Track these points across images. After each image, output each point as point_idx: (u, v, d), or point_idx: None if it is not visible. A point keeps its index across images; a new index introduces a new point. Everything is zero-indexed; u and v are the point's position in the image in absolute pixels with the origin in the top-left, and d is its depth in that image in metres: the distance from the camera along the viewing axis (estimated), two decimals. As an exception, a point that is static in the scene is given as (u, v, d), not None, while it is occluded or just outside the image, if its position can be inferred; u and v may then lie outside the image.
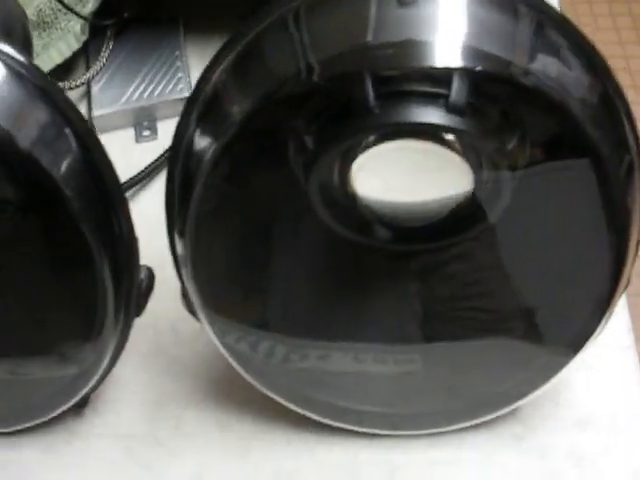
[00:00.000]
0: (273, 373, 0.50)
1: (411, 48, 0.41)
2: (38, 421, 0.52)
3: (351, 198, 0.46)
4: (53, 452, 0.53)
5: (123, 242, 0.46)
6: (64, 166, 0.44)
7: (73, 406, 0.51)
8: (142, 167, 0.62)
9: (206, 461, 0.52)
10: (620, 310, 0.54)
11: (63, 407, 0.52)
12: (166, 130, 0.64)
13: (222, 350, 0.48)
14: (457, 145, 0.44)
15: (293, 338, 0.51)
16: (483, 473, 0.51)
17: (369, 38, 0.41)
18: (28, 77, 0.44)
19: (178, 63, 0.64)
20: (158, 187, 0.63)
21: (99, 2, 0.62)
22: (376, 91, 0.40)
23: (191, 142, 0.45)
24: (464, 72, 0.40)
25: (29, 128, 0.43)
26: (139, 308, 0.49)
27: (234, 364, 0.49)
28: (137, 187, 0.63)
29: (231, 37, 0.45)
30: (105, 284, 0.46)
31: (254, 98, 0.42)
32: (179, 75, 0.63)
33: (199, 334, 0.54)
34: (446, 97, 0.41)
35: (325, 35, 0.43)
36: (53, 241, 0.46)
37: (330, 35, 0.43)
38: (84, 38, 0.63)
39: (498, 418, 0.51)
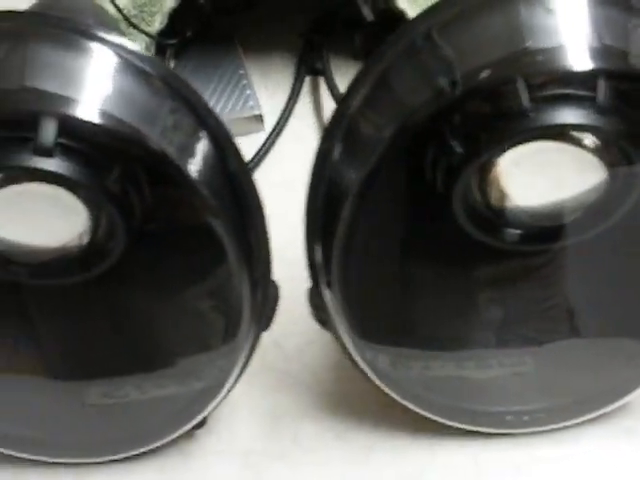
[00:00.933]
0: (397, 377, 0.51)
1: (560, 53, 0.42)
2: (155, 445, 0.51)
3: (490, 203, 0.47)
4: (169, 474, 0.52)
5: (260, 249, 0.46)
6: (196, 163, 0.43)
7: (192, 427, 0.51)
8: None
9: (328, 472, 0.52)
10: None
11: (184, 428, 0.51)
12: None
13: (361, 363, 0.49)
14: (592, 144, 0.46)
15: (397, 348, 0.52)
16: (601, 466, 0.52)
17: (520, 45, 0.42)
18: (157, 75, 0.43)
19: (244, 81, 0.64)
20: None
21: (166, 21, 0.62)
22: (530, 95, 0.42)
23: (335, 165, 0.45)
24: (608, 73, 0.42)
25: (160, 126, 0.42)
26: (267, 321, 0.49)
27: (370, 374, 0.49)
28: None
29: (367, 62, 0.45)
30: (242, 292, 0.45)
31: (399, 117, 0.43)
32: (247, 92, 0.64)
33: (305, 347, 0.55)
34: (591, 98, 0.43)
35: (468, 48, 0.43)
36: (188, 246, 0.46)
37: (473, 47, 0.43)
38: (149, 58, 0.63)
39: (609, 412, 0.53)
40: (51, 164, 0.41)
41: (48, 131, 0.41)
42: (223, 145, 0.44)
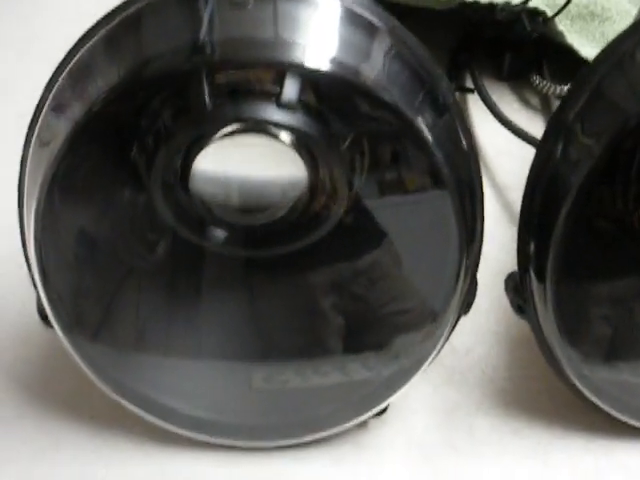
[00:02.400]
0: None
1: None
2: (335, 430, 0.50)
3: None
4: (342, 466, 0.51)
5: (476, 232, 0.46)
6: (430, 126, 0.43)
7: (376, 413, 0.50)
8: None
9: (504, 465, 0.51)
10: None
11: (370, 412, 0.50)
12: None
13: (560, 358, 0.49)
14: None
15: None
16: None
17: None
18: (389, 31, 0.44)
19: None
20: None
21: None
22: None
23: (556, 164, 0.46)
24: None
25: (395, 85, 0.42)
26: (468, 306, 0.49)
27: (567, 369, 0.49)
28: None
29: (582, 72, 0.47)
30: (459, 271, 0.45)
31: (612, 127, 0.44)
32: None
33: (474, 347, 0.56)
34: None
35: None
36: (407, 219, 0.46)
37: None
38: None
39: None
40: (295, 119, 0.42)
41: (295, 84, 0.41)
42: (455, 116, 0.44)
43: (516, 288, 0.49)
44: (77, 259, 0.49)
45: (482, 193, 0.47)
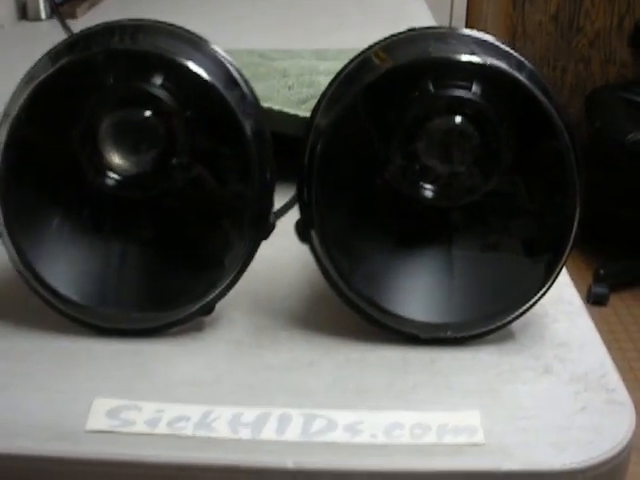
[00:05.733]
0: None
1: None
2: (171, 319, 0.73)
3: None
4: (182, 346, 0.73)
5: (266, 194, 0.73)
6: (248, 123, 0.72)
7: (202, 311, 0.74)
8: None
9: (296, 355, 0.73)
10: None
11: (196, 306, 0.73)
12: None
13: (329, 269, 0.73)
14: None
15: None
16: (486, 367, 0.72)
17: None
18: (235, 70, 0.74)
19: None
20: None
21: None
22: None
23: (317, 131, 0.74)
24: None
25: (232, 94, 0.72)
26: (266, 233, 0.74)
27: (333, 275, 0.72)
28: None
29: (336, 75, 0.76)
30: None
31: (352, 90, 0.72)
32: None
33: (285, 298, 0.80)
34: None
35: (394, 56, 0.75)
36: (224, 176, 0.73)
37: (395, 56, 0.75)
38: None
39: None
40: (159, 94, 0.71)
41: (160, 73, 0.71)
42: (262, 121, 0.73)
43: (299, 224, 0.74)
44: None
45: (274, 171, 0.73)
